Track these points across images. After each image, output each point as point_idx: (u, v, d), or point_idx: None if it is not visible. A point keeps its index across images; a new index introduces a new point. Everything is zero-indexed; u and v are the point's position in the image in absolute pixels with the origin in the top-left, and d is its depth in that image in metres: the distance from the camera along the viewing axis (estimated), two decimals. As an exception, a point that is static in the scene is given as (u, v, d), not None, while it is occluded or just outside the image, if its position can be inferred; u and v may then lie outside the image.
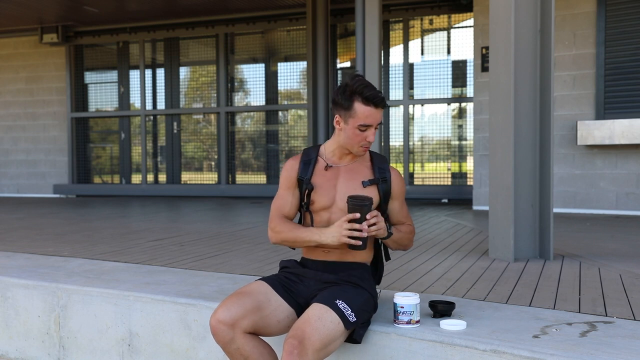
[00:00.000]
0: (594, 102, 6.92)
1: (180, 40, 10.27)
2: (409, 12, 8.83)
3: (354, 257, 2.39)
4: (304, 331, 2.06)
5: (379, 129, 2.93)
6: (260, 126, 10.16)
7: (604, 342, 2.15)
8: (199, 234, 5.25)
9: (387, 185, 2.40)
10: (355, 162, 2.43)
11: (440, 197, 8.79)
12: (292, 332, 2.07)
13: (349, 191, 2.34)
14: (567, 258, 3.94)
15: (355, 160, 2.43)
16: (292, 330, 2.09)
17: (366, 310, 2.28)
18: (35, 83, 10.73)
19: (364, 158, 2.45)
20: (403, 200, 2.48)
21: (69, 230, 5.53)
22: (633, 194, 6.81)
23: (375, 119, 2.29)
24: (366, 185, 2.36)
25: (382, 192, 2.39)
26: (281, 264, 2.52)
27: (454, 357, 2.20)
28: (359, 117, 2.28)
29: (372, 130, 2.31)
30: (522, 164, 3.95)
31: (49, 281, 3.26)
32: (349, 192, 2.34)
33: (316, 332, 2.07)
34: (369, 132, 2.30)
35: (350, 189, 2.36)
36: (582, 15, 6.94)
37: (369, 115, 2.28)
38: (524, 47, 3.92)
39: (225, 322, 2.14)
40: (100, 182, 10.90)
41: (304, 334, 2.05)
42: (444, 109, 8.99)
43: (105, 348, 3.04)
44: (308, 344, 2.03)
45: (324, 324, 2.10)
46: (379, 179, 2.39)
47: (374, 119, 2.29)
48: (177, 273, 3.48)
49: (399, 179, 2.46)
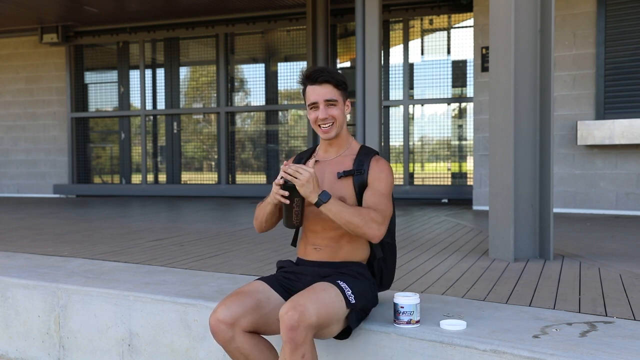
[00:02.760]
0: (594, 102, 6.92)
1: (180, 40, 10.27)
2: (409, 12, 8.83)
3: (347, 257, 2.38)
4: (306, 301, 2.03)
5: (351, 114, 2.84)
6: (260, 126, 10.16)
7: (604, 342, 2.15)
8: (199, 234, 5.25)
9: (362, 177, 2.33)
10: (341, 156, 2.40)
11: (440, 197, 8.79)
12: (291, 304, 2.02)
13: (330, 184, 2.34)
14: (567, 258, 3.94)
15: (342, 153, 2.41)
16: (291, 301, 2.04)
17: (365, 297, 2.28)
18: (35, 83, 10.73)
19: (352, 151, 2.41)
20: (380, 192, 2.30)
21: (69, 230, 5.52)
22: (633, 194, 6.81)
23: (317, 94, 2.30)
24: (340, 176, 2.34)
25: (357, 183, 2.33)
26: (278, 264, 2.53)
27: (454, 357, 2.20)
28: (307, 98, 2.34)
29: (321, 108, 2.30)
30: (522, 164, 3.95)
31: (49, 281, 3.26)
32: (330, 185, 2.33)
33: (320, 301, 2.06)
34: (319, 111, 2.31)
35: (332, 182, 2.35)
36: (582, 15, 6.94)
37: (311, 93, 2.31)
38: (524, 47, 3.92)
39: (225, 321, 2.14)
40: (100, 182, 10.90)
41: (306, 302, 2.02)
42: (444, 109, 8.98)
43: (105, 348, 3.04)
44: (312, 312, 2.00)
45: (329, 296, 2.11)
46: (354, 171, 2.34)
47: (317, 95, 2.30)
48: (177, 273, 3.48)
49: (377, 170, 2.34)
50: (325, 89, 2.30)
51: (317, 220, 2.36)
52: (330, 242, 2.37)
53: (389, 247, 2.50)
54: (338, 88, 2.33)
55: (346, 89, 2.37)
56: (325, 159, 2.42)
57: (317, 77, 2.30)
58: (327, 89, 2.30)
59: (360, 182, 2.33)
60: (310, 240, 2.42)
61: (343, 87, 2.35)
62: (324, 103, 2.30)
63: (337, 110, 2.32)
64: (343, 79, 2.35)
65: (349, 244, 2.37)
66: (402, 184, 8.89)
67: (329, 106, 2.31)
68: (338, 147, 2.41)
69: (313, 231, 2.40)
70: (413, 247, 4.46)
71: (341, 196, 2.30)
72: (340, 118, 2.33)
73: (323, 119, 2.30)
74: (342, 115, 2.34)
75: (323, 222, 2.34)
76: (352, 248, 2.38)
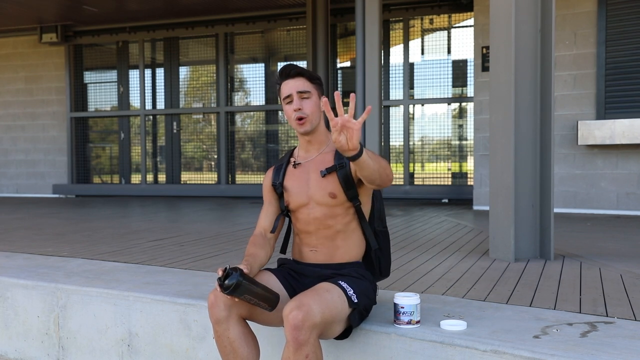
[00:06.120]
0: (594, 102, 6.91)
1: (180, 40, 10.27)
2: (409, 11, 8.83)
3: (344, 256, 2.37)
4: (310, 301, 2.01)
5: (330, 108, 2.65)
6: (260, 126, 10.15)
7: (604, 342, 2.15)
8: (198, 234, 5.24)
9: (345, 169, 2.29)
10: (322, 154, 2.38)
11: (440, 197, 8.78)
12: (296, 303, 1.99)
13: (316, 183, 2.32)
14: (568, 258, 3.94)
15: (322, 150, 2.39)
16: (295, 301, 2.01)
17: (367, 296, 2.28)
18: (34, 83, 10.72)
19: (332, 147, 2.38)
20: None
21: (68, 230, 5.52)
22: (634, 194, 6.80)
23: (290, 86, 2.30)
24: (324, 174, 2.31)
25: (342, 177, 2.29)
26: (279, 262, 2.52)
27: (454, 357, 2.20)
28: (282, 94, 2.34)
29: (295, 99, 2.29)
30: (523, 164, 3.94)
31: (48, 281, 3.25)
32: (317, 183, 2.32)
33: (323, 301, 2.05)
34: (293, 103, 2.30)
35: (318, 180, 2.33)
36: (583, 14, 6.93)
37: (285, 87, 2.32)
38: (525, 47, 3.92)
39: (224, 300, 2.12)
40: (99, 182, 10.89)
41: (310, 302, 2.00)
42: (444, 108, 8.98)
43: (104, 348, 3.03)
44: (316, 312, 1.99)
45: (332, 297, 2.10)
46: (336, 166, 2.31)
47: (290, 87, 2.30)
48: (177, 273, 3.47)
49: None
50: (298, 82, 2.30)
51: (309, 220, 2.35)
52: (325, 241, 2.36)
53: (383, 234, 2.49)
54: (312, 82, 2.32)
55: (321, 84, 2.36)
56: (307, 159, 2.40)
57: (290, 71, 2.31)
58: (300, 82, 2.30)
59: (345, 175, 2.29)
60: (305, 242, 2.41)
61: (317, 82, 2.34)
62: (298, 95, 2.29)
63: (311, 103, 2.30)
64: (317, 75, 2.36)
65: (345, 241, 2.36)
66: (402, 184, 8.88)
67: (302, 98, 2.30)
68: (318, 145, 2.39)
69: (307, 232, 2.38)
70: (413, 247, 4.46)
71: (331, 192, 2.30)
72: (314, 111, 2.31)
73: (297, 109, 2.28)
74: (317, 109, 2.32)
75: (316, 222, 2.34)
76: (348, 246, 2.37)
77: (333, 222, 2.33)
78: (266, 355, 2.56)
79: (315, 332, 2.00)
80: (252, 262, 2.23)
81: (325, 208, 2.32)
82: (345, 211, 2.34)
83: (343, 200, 2.31)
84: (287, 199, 2.39)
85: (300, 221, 2.38)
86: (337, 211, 2.33)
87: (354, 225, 2.37)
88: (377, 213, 2.48)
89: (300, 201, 2.36)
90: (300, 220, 2.38)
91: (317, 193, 2.33)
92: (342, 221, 2.34)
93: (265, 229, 2.44)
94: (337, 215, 2.33)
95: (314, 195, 2.34)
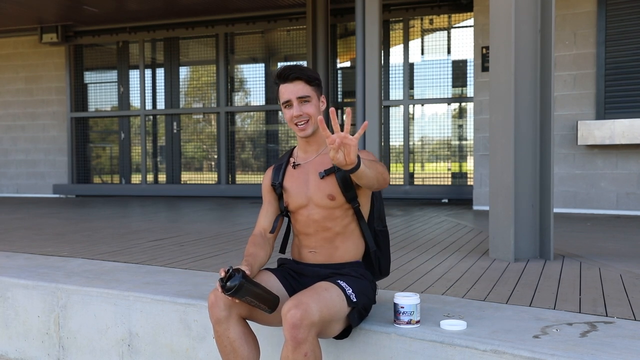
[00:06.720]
0: (594, 102, 6.91)
1: (180, 40, 10.27)
2: (409, 12, 8.83)
3: (343, 257, 2.37)
4: (309, 300, 2.01)
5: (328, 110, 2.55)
6: (260, 126, 10.16)
7: (604, 342, 2.15)
8: (198, 234, 5.24)
9: (343, 171, 2.25)
10: (322, 154, 2.38)
11: (440, 197, 8.78)
12: (294, 302, 2.00)
13: (315, 185, 2.32)
14: (568, 258, 3.94)
15: (322, 151, 2.38)
16: (293, 300, 2.01)
17: (366, 295, 2.28)
18: (34, 83, 10.72)
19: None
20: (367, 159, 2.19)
21: (68, 230, 5.52)
22: (633, 194, 6.80)
23: (290, 91, 2.28)
24: (322, 176, 2.31)
25: (341, 179, 2.29)
26: (279, 262, 2.52)
27: (454, 357, 2.20)
28: (280, 97, 2.31)
29: (295, 105, 2.28)
30: (523, 163, 3.95)
31: (48, 281, 3.25)
32: (315, 185, 2.32)
33: (322, 300, 2.05)
34: (293, 108, 2.29)
35: (316, 182, 2.32)
36: (583, 14, 6.94)
37: (284, 91, 2.29)
38: (525, 47, 3.92)
39: (224, 300, 2.12)
40: (100, 182, 10.90)
41: (308, 301, 2.00)
42: (444, 108, 8.98)
43: (105, 348, 3.03)
44: (314, 311, 1.99)
45: (331, 295, 2.10)
46: (335, 167, 2.30)
47: (289, 92, 2.28)
48: (177, 273, 3.47)
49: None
50: (297, 86, 2.28)
51: (309, 222, 2.35)
52: (324, 243, 2.36)
53: (382, 234, 2.49)
54: (310, 84, 2.30)
55: (319, 85, 2.34)
56: (306, 160, 2.39)
57: (289, 75, 2.28)
58: (299, 86, 2.28)
59: (343, 176, 2.29)
60: (304, 244, 2.41)
61: (316, 83, 2.32)
62: (297, 100, 2.28)
63: (311, 107, 2.29)
64: (315, 75, 2.33)
65: (343, 243, 2.36)
66: (402, 184, 8.88)
67: (302, 103, 2.28)
68: (317, 146, 2.39)
69: (306, 234, 2.38)
70: (413, 247, 4.46)
71: (329, 194, 2.29)
72: (315, 114, 2.30)
73: (297, 116, 2.28)
74: (316, 112, 2.31)
75: (315, 224, 2.34)
76: (347, 247, 2.37)
77: (332, 224, 2.34)
78: (266, 355, 2.56)
79: (314, 330, 2.00)
80: (253, 262, 2.23)
81: (324, 210, 2.32)
82: (344, 213, 2.34)
83: (342, 202, 2.31)
84: (287, 199, 2.39)
85: (300, 223, 2.38)
86: (336, 213, 2.33)
87: (353, 226, 2.38)
88: (377, 213, 2.48)
89: (299, 202, 2.36)
90: (299, 222, 2.38)
91: (316, 195, 2.33)
92: (341, 223, 2.34)
93: (264, 229, 2.45)
94: (336, 217, 2.33)
95: (313, 196, 2.34)
